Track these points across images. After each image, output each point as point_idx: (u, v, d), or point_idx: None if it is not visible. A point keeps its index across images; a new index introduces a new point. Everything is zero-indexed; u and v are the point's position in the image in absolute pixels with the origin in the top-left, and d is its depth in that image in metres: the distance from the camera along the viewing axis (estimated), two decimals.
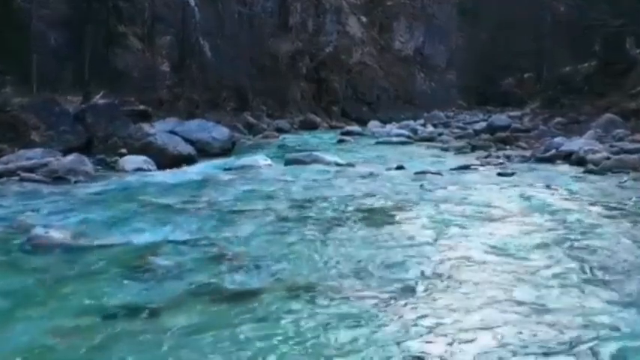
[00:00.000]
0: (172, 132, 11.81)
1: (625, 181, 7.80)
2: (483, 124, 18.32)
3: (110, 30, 18.37)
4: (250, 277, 3.79)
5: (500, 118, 18.64)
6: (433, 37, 33.48)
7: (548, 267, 4.06)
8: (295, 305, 3.33)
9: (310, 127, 21.65)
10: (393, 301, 3.40)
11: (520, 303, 3.39)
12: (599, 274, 3.94)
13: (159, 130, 11.57)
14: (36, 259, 4.17)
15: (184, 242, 4.64)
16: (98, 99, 13.76)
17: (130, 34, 19.69)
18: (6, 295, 3.50)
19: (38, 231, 4.59)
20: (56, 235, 4.56)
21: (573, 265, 4.11)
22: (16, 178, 8.05)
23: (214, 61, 20.68)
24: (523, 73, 33.34)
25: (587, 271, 4.00)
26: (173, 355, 2.76)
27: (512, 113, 22.04)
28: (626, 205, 6.31)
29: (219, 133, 12.83)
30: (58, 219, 5.42)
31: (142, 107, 15.47)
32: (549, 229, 5.16)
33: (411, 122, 21.51)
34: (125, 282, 3.67)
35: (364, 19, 30.20)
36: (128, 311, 3.20)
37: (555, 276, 3.88)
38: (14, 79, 13.12)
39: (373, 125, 21.34)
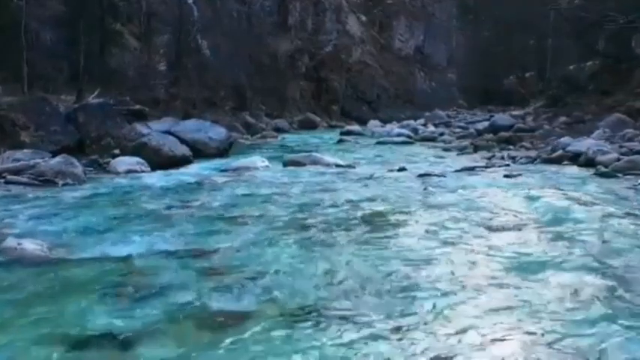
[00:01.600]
0: (168, 132, 11.43)
1: (639, 184, 7.45)
2: (485, 124, 18.01)
3: (106, 28, 18.04)
4: (240, 297, 3.39)
5: (503, 118, 18.35)
6: (433, 35, 33.22)
7: (566, 282, 3.74)
8: (289, 332, 2.96)
9: (310, 126, 21.40)
10: (399, 325, 3.04)
11: (535, 315, 3.17)
12: (616, 285, 3.65)
13: (154, 131, 11.21)
14: (4, 275, 3.75)
15: (170, 254, 4.25)
16: (92, 98, 13.43)
17: (126, 33, 19.37)
18: None
19: (10, 242, 4.20)
20: (30, 246, 4.16)
21: (589, 277, 3.81)
22: (1, 181, 7.70)
23: (212, 60, 20.36)
24: (525, 71, 32.94)
25: (606, 284, 3.69)
26: None
27: (514, 112, 21.75)
28: None
29: (216, 133, 12.44)
30: (38, 227, 5.04)
31: (137, 107, 15.11)
32: (565, 238, 4.80)
33: (412, 122, 21.24)
34: (101, 303, 3.29)
35: (364, 17, 29.92)
36: (100, 339, 2.81)
37: (574, 290, 3.58)
38: (5, 78, 12.75)
39: (373, 125, 21.05)
